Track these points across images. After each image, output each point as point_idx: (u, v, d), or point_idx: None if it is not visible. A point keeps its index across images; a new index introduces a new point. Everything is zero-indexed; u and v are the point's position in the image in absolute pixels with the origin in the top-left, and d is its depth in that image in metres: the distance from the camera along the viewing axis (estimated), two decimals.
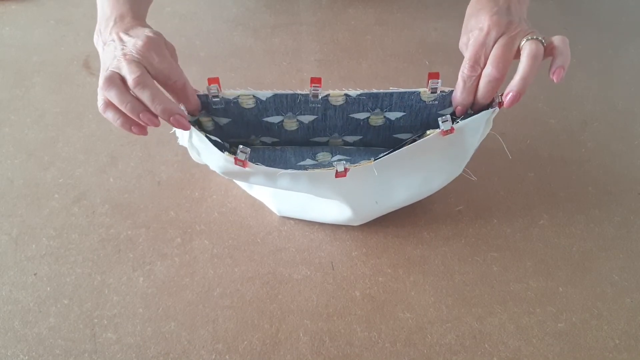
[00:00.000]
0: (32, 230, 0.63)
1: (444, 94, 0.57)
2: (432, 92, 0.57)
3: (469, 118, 0.53)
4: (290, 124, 0.60)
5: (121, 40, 0.54)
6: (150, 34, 0.53)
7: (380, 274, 0.59)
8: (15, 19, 0.98)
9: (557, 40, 0.53)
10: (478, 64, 0.54)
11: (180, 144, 0.57)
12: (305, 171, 0.53)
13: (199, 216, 0.65)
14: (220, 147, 0.54)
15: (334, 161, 0.51)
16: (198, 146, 0.55)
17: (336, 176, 0.52)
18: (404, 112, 0.59)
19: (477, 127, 0.54)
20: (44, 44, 0.92)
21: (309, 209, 0.62)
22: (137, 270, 0.59)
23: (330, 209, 0.61)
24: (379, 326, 0.54)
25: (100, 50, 0.56)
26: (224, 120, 0.59)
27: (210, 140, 0.53)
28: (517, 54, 0.53)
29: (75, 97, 0.81)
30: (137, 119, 0.50)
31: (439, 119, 0.53)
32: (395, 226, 0.63)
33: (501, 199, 0.66)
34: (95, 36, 0.57)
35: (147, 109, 0.50)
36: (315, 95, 0.57)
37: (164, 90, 0.52)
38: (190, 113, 0.56)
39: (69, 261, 0.60)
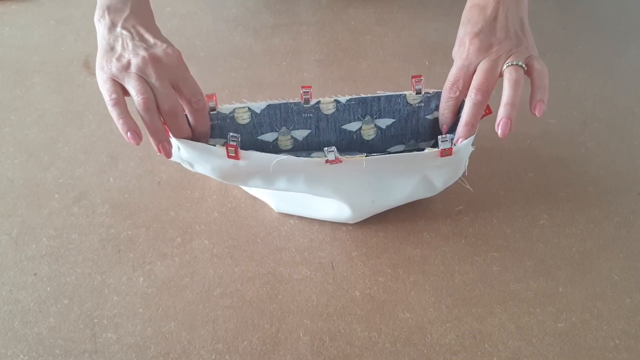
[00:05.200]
0: (32, 230, 0.63)
1: (428, 95, 0.60)
2: (417, 94, 0.60)
3: (465, 142, 0.55)
4: (285, 142, 0.61)
5: (139, 37, 0.55)
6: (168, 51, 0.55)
7: (380, 274, 0.59)
8: (16, 19, 0.98)
9: (536, 69, 0.55)
10: (457, 87, 0.57)
11: (172, 160, 0.58)
12: (299, 158, 0.53)
13: (199, 216, 0.65)
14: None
15: (326, 150, 0.52)
16: (188, 157, 0.56)
17: (327, 162, 0.53)
18: (393, 118, 0.61)
19: (469, 143, 0.56)
20: (44, 44, 0.92)
21: (307, 207, 0.63)
22: (137, 270, 0.59)
23: (328, 206, 0.61)
24: (379, 326, 0.54)
25: (102, 30, 0.56)
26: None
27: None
28: (501, 73, 0.55)
29: (75, 97, 0.81)
30: (126, 137, 0.52)
31: (439, 137, 0.54)
32: (395, 226, 0.63)
33: (501, 199, 0.66)
34: (98, 11, 0.57)
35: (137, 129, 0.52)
36: (307, 101, 0.58)
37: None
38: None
39: (69, 261, 0.60)
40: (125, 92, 0.53)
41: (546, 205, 0.65)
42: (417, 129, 0.62)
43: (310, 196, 0.61)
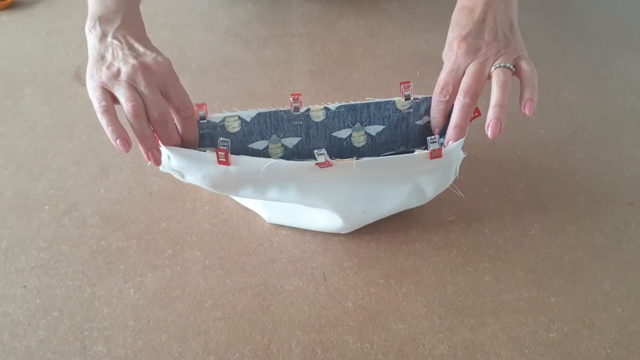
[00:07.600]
0: (21, 242, 0.62)
1: (417, 100, 0.60)
2: (405, 99, 0.60)
3: (455, 144, 0.55)
4: (275, 150, 0.61)
5: (129, 47, 0.55)
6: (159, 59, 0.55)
7: (373, 284, 0.59)
8: (6, 30, 0.98)
9: (524, 69, 0.55)
10: (447, 90, 0.57)
11: (162, 170, 0.58)
12: (289, 162, 0.54)
13: (190, 227, 0.64)
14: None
15: (316, 153, 0.52)
16: (179, 166, 0.56)
17: (316, 164, 0.53)
18: (383, 124, 0.61)
19: (459, 145, 0.56)
20: (35, 55, 0.92)
21: (299, 217, 0.63)
22: (128, 282, 0.59)
23: (320, 217, 0.61)
24: (371, 337, 0.54)
25: (93, 40, 0.56)
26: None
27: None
28: (489, 75, 0.56)
29: (66, 108, 0.81)
30: (115, 144, 0.52)
31: (428, 138, 0.54)
32: (387, 237, 0.63)
33: (492, 209, 0.67)
34: (89, 22, 0.57)
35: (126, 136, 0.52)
36: (297, 109, 0.59)
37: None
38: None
39: (59, 273, 0.60)
40: (115, 100, 0.53)
41: (537, 216, 0.66)
42: (407, 135, 0.62)
43: (302, 207, 0.61)
